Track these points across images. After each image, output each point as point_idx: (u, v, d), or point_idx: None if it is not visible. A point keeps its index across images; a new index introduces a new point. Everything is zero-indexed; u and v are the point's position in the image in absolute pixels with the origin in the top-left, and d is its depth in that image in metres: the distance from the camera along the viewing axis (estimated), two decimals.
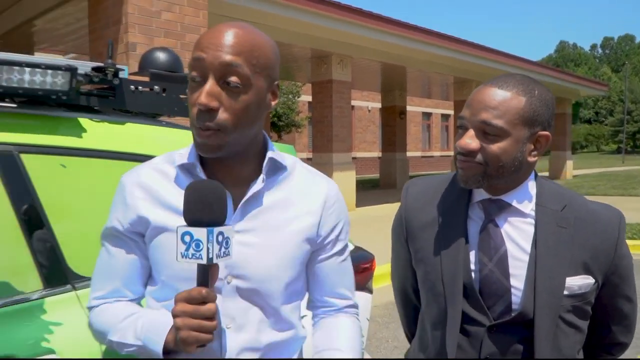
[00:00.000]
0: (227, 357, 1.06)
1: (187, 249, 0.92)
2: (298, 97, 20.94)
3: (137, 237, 1.12)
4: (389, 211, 9.96)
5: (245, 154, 1.09)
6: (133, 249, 1.13)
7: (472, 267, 1.23)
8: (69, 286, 1.36)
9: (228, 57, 0.98)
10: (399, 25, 11.40)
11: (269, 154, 1.09)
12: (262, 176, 1.08)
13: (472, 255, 1.23)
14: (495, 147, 1.15)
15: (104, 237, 1.16)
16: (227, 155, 1.06)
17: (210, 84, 0.99)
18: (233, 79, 0.98)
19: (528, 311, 1.17)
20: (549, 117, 1.19)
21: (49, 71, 1.38)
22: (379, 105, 19.80)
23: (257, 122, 1.06)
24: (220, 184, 0.98)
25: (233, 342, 1.07)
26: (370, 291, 2.12)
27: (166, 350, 1.01)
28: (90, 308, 1.16)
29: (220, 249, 0.94)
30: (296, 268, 1.11)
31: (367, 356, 1.86)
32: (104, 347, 1.32)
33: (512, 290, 1.19)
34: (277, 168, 1.12)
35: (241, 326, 1.07)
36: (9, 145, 1.34)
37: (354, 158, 18.03)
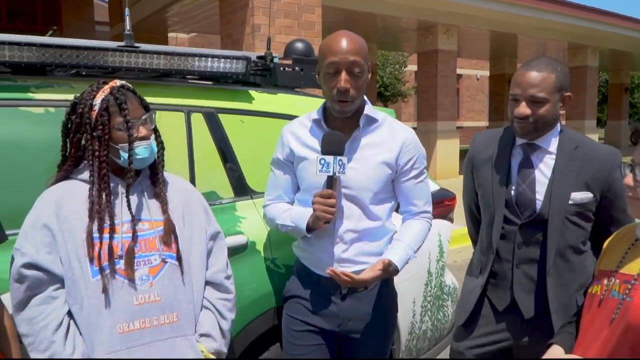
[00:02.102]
0: (337, 235, 1.78)
1: (322, 167, 1.70)
2: (404, 67, 21.16)
3: (290, 164, 1.90)
4: None
5: (353, 112, 1.79)
6: (287, 171, 1.91)
7: (513, 187, 1.84)
8: (248, 196, 2.16)
9: (352, 57, 1.69)
10: None
11: (365, 111, 1.80)
12: (360, 126, 1.79)
13: (513, 180, 1.85)
14: (542, 111, 1.75)
15: (271, 163, 1.95)
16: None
17: (344, 75, 1.70)
18: (356, 69, 1.69)
19: (545, 214, 1.77)
20: (568, 83, 1.78)
21: (234, 60, 2.15)
22: (488, 73, 19.52)
23: (364, 90, 1.76)
24: (341, 134, 1.73)
25: (342, 226, 1.80)
26: (451, 220, 2.76)
27: (307, 229, 1.78)
28: (264, 207, 1.98)
29: (339, 169, 1.70)
30: (381, 183, 1.80)
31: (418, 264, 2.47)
32: (266, 232, 2.10)
33: (536, 201, 1.79)
34: (371, 120, 1.82)
35: (347, 216, 1.80)
36: (212, 109, 2.15)
37: (460, 127, 18.07)
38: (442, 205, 2.71)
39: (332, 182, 1.72)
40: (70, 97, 1.62)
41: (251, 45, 6.80)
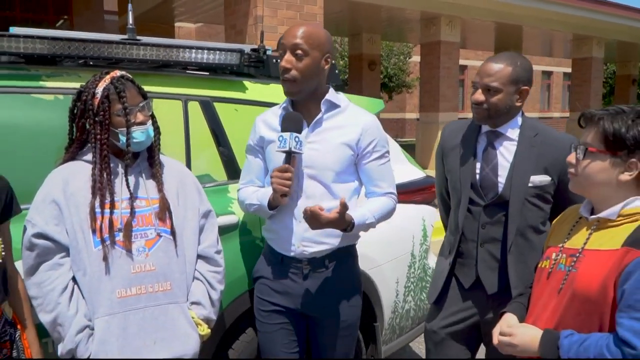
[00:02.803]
0: (299, 213, 1.88)
1: (280, 144, 1.82)
2: (409, 58, 21.16)
3: (261, 149, 2.04)
4: None
5: (313, 98, 1.93)
6: (258, 156, 2.05)
7: (477, 171, 2.00)
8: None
9: (295, 40, 1.84)
10: None
11: (326, 97, 1.93)
12: (322, 110, 1.93)
13: (477, 165, 2.01)
14: (494, 99, 1.91)
15: (246, 150, 2.11)
16: (304, 99, 1.92)
17: (287, 55, 1.86)
18: (298, 51, 1.84)
19: (506, 195, 1.94)
20: (528, 78, 1.94)
21: (229, 52, 2.31)
22: None
23: (315, 76, 1.88)
24: (299, 114, 1.88)
25: (304, 204, 1.87)
26: (435, 206, 2.91)
27: (270, 206, 1.90)
28: (238, 190, 2.12)
29: (296, 145, 1.82)
30: (342, 164, 1.92)
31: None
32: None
33: (499, 184, 1.96)
34: (333, 106, 1.96)
35: (310, 196, 1.92)
36: (207, 97, 2.32)
37: (465, 118, 18.11)
38: (426, 191, 2.87)
39: (289, 157, 1.83)
40: (78, 85, 1.80)
41: (254, 36, 6.94)
